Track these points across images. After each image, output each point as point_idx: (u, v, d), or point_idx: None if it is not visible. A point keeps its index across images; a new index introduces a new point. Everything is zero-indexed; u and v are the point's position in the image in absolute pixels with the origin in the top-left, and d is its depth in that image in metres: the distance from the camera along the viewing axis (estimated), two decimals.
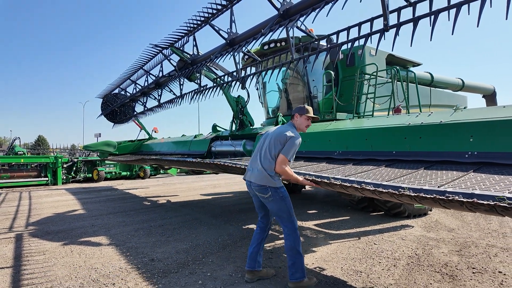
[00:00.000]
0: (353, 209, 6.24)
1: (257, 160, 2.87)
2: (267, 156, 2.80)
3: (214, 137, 6.48)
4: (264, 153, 2.85)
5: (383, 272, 3.09)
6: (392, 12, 2.83)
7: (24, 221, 5.51)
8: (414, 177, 2.39)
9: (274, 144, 2.78)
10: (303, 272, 2.73)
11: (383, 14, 2.64)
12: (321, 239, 4.26)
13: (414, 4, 2.72)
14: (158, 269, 3.14)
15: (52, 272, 3.09)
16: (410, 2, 2.74)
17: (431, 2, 2.62)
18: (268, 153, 2.80)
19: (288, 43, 3.53)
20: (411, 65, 8.32)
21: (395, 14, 2.81)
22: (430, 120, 3.10)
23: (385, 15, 2.62)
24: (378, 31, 2.72)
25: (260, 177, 2.77)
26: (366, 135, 3.51)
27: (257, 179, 2.79)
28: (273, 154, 2.77)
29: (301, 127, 2.98)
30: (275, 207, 2.79)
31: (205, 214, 6.07)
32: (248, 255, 2.94)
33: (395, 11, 2.83)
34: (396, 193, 2.06)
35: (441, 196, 1.85)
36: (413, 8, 2.72)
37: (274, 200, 2.75)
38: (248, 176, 2.93)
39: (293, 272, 2.74)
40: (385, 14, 2.63)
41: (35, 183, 11.74)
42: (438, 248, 3.83)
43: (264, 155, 2.83)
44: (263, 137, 3.04)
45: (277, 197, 2.74)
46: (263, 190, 2.76)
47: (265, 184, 2.74)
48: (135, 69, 7.39)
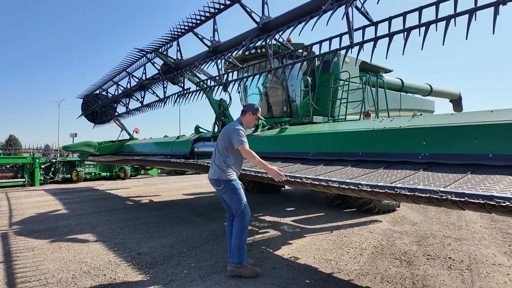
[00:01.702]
0: (328, 206, 6.66)
1: (215, 155, 3.22)
2: (217, 152, 3.19)
3: (196, 138, 6.72)
4: (216, 150, 3.23)
5: (350, 260, 3.47)
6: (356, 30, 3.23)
7: (7, 220, 5.54)
8: (373, 175, 2.77)
9: (222, 140, 3.17)
10: (240, 259, 2.98)
11: (348, 33, 3.01)
12: (297, 233, 4.62)
13: (376, 24, 3.12)
14: (146, 262, 3.39)
15: (44, 266, 3.26)
16: (373, 22, 3.13)
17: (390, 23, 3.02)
18: (218, 150, 3.18)
19: (267, 54, 3.86)
20: (383, 72, 8.88)
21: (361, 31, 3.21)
22: (392, 125, 3.51)
23: (350, 33, 3.00)
24: (345, 48, 3.09)
25: (214, 172, 3.13)
26: (337, 138, 3.88)
27: (212, 174, 3.15)
28: (221, 150, 3.15)
29: (250, 124, 3.34)
30: (228, 198, 3.11)
31: (188, 212, 6.30)
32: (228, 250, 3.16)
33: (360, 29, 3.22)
34: (356, 189, 2.43)
35: (391, 190, 2.22)
36: (375, 27, 3.12)
37: (227, 191, 3.07)
38: (208, 173, 3.28)
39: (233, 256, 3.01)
40: (350, 32, 3.00)
41: (11, 184, 11.49)
42: (400, 239, 4.27)
43: (216, 152, 3.21)
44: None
45: (229, 189, 3.05)
46: (217, 183, 3.11)
47: (218, 178, 3.08)
48: (118, 71, 7.50)
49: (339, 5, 2.80)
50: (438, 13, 2.71)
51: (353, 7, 2.94)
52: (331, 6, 2.84)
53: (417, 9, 2.88)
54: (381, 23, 3.10)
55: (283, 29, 3.22)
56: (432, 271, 3.17)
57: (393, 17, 3.03)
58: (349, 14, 2.95)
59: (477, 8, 2.40)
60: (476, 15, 2.45)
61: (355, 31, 3.15)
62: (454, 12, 2.57)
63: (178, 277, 2.99)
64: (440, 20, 2.59)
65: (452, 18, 2.50)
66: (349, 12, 2.92)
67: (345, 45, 3.14)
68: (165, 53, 5.89)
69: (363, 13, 3.02)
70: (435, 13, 2.72)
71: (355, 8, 2.99)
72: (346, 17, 2.96)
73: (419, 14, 2.84)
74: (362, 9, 2.99)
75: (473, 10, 2.39)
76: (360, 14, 3.01)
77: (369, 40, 2.97)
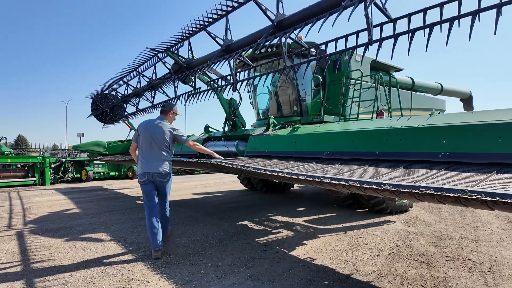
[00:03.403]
0: (339, 207, 6.60)
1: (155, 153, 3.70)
2: (161, 148, 3.72)
3: (206, 138, 6.72)
4: (160, 145, 3.72)
5: (367, 261, 3.42)
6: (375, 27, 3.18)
7: (21, 219, 5.59)
8: (394, 174, 2.72)
9: (166, 138, 3.74)
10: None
11: (367, 29, 2.96)
12: (311, 234, 4.58)
13: (395, 21, 3.07)
14: (161, 261, 3.38)
15: (61, 265, 3.27)
16: (391, 19, 3.08)
17: (409, 20, 2.97)
18: (161, 146, 3.71)
19: (281, 52, 3.82)
20: (394, 70, 8.79)
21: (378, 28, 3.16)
22: (409, 123, 3.45)
23: (369, 30, 2.94)
24: (363, 45, 3.04)
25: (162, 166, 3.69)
26: (352, 137, 3.83)
27: (161, 168, 3.67)
28: (165, 146, 3.74)
29: (171, 121, 4.04)
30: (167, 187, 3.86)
31: (199, 212, 6.30)
32: (151, 238, 3.57)
33: (378, 26, 3.17)
34: (379, 188, 2.38)
35: (416, 190, 2.17)
36: (394, 24, 3.07)
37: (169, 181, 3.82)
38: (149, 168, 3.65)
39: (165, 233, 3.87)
40: (369, 29, 2.95)
41: (22, 183, 11.62)
42: (416, 240, 4.21)
43: (160, 147, 3.72)
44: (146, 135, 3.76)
45: (170, 179, 3.81)
46: (164, 176, 3.71)
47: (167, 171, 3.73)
48: (128, 71, 7.53)
49: (359, 1, 2.75)
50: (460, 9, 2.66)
51: (372, 4, 2.90)
52: (351, 3, 2.79)
53: (438, 5, 2.82)
54: (399, 20, 3.06)
55: (301, 25, 3.18)
56: (452, 273, 3.11)
57: (412, 14, 2.97)
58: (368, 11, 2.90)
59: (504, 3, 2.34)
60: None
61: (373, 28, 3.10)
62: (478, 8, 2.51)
63: (195, 277, 2.97)
64: (464, 16, 2.53)
65: (477, 14, 2.44)
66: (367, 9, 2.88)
67: (363, 43, 3.09)
68: (176, 52, 5.89)
69: (382, 10, 2.97)
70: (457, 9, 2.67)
71: (374, 5, 2.94)
72: (365, 14, 2.92)
73: (440, 10, 2.78)
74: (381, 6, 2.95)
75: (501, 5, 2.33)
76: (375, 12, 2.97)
77: (389, 37, 2.92)
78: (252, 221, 5.41)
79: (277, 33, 3.52)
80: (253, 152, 4.97)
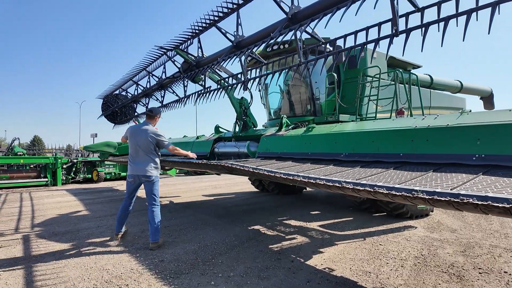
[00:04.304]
0: (356, 210, 6.30)
1: (141, 157, 4.08)
2: (148, 151, 4.07)
3: (217, 138, 6.51)
4: (144, 149, 4.07)
5: (391, 273, 3.14)
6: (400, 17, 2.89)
7: (29, 222, 5.50)
8: (425, 179, 2.43)
9: (150, 142, 4.07)
10: (158, 236, 3.94)
11: (392, 19, 2.69)
12: (327, 240, 4.31)
13: (422, 10, 2.78)
14: (170, 270, 3.17)
15: (65, 273, 3.11)
16: (418, 8, 2.79)
17: (439, 9, 2.68)
18: (147, 149, 4.06)
19: (296, 47, 3.57)
20: (411, 67, 8.41)
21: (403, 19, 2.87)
22: (437, 123, 3.15)
23: (394, 20, 2.67)
24: (388, 36, 2.77)
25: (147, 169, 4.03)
26: (373, 137, 3.55)
27: (145, 171, 4.02)
28: (147, 150, 4.06)
29: (156, 124, 4.38)
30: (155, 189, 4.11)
31: (209, 215, 6.10)
32: (117, 223, 4.23)
33: (403, 16, 2.89)
34: (410, 196, 2.10)
35: (455, 199, 1.89)
36: (421, 13, 2.78)
37: (153, 182, 4.08)
38: (136, 171, 4.06)
39: (155, 235, 3.91)
40: (395, 19, 2.68)
41: (35, 183, 11.68)
42: (443, 249, 3.89)
43: (145, 151, 4.07)
44: (132, 141, 4.17)
45: (155, 181, 4.10)
46: (149, 177, 4.05)
47: (152, 174, 4.05)
48: (138, 70, 7.41)
49: None
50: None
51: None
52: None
53: None
54: (428, 9, 2.77)
55: (319, 16, 2.92)
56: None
57: (443, 1, 2.68)
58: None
59: None
60: None
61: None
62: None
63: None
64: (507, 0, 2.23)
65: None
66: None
67: (387, 34, 2.81)
68: (185, 50, 5.71)
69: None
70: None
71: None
72: (391, 3, 2.65)
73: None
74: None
75: None
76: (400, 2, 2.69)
77: (417, 27, 2.63)
78: (264, 225, 5.17)
79: (292, 26, 3.26)
80: (265, 153, 4.74)
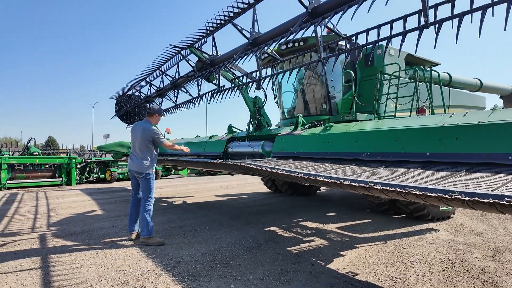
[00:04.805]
0: (373, 212, 6.13)
1: (137, 153, 4.21)
2: (143, 148, 4.18)
3: (230, 138, 6.43)
4: (139, 146, 4.19)
5: (418, 278, 2.99)
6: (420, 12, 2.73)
7: (45, 221, 5.52)
8: (459, 180, 2.29)
9: (145, 139, 4.16)
10: (148, 231, 4.00)
11: (423, 10, 2.54)
12: (347, 243, 4.16)
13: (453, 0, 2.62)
14: (187, 272, 3.09)
15: (81, 274, 3.06)
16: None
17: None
18: (143, 146, 4.17)
19: (317, 42, 3.45)
20: (430, 65, 8.17)
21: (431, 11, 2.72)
22: (467, 120, 2.98)
23: (425, 11, 2.52)
24: (417, 28, 2.62)
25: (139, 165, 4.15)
26: (397, 136, 3.40)
27: (137, 167, 4.15)
28: (142, 147, 4.17)
29: (157, 122, 4.51)
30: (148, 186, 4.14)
31: (224, 215, 6.01)
32: (128, 222, 4.29)
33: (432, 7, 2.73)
34: (446, 197, 1.96)
35: (500, 200, 1.75)
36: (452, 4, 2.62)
37: (146, 179, 4.14)
38: (131, 166, 4.24)
39: (143, 230, 4.03)
40: (425, 10, 2.53)
41: (50, 183, 11.85)
42: (470, 253, 3.70)
43: (139, 148, 4.19)
44: (132, 137, 4.35)
45: (148, 178, 4.14)
46: (141, 173, 4.15)
47: (143, 171, 4.13)
48: (151, 70, 7.39)
49: None
50: None
51: None
52: None
53: None
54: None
55: (344, 8, 2.79)
56: None
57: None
58: None
59: None
60: None
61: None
62: None
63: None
64: None
65: None
66: None
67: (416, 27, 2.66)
68: (200, 49, 5.65)
69: None
70: None
71: None
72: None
73: None
74: None
75: None
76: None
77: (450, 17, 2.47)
78: (280, 227, 5.05)
79: (314, 19, 3.14)
80: (281, 153, 4.63)
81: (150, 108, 4.55)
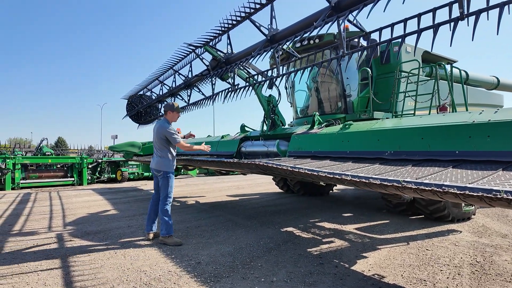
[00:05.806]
0: (390, 212, 6.00)
1: (156, 151, 4.24)
2: (160, 146, 4.18)
3: (243, 138, 6.35)
4: (157, 145, 4.20)
5: (449, 282, 2.87)
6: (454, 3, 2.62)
7: (61, 221, 5.52)
8: (499, 179, 2.17)
9: (160, 137, 4.16)
10: (167, 230, 4.00)
11: (458, 1, 2.43)
12: (368, 244, 4.06)
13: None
14: (209, 273, 3.03)
15: (102, 274, 3.02)
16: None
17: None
18: (160, 145, 4.18)
19: (340, 37, 3.35)
20: (446, 62, 7.98)
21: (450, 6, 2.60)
22: (499, 117, 2.86)
23: (460, 1, 2.41)
24: (451, 20, 2.50)
25: (157, 163, 4.18)
26: (423, 134, 3.29)
27: (156, 165, 4.19)
28: (159, 145, 4.18)
29: (174, 119, 4.38)
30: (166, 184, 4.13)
31: (238, 215, 5.95)
32: (146, 221, 4.29)
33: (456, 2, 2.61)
34: (491, 196, 1.86)
35: None
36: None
37: (164, 177, 4.13)
38: (151, 164, 4.31)
39: (162, 229, 4.03)
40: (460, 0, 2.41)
41: (62, 183, 11.95)
42: (499, 256, 3.57)
43: (157, 147, 4.19)
44: (153, 135, 4.34)
45: (166, 176, 4.12)
46: (158, 171, 4.15)
47: (161, 169, 4.13)
48: (164, 69, 7.37)
49: None
50: None
51: None
52: None
53: None
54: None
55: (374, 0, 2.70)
56: None
57: None
58: None
59: None
60: None
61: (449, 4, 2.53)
62: None
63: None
64: None
65: None
66: None
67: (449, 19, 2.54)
68: (214, 47, 5.59)
69: None
70: None
71: None
72: None
73: None
74: None
75: None
76: None
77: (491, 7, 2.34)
78: (297, 227, 4.96)
79: (340, 13, 3.05)
80: (297, 152, 4.53)
81: (164, 106, 4.57)
